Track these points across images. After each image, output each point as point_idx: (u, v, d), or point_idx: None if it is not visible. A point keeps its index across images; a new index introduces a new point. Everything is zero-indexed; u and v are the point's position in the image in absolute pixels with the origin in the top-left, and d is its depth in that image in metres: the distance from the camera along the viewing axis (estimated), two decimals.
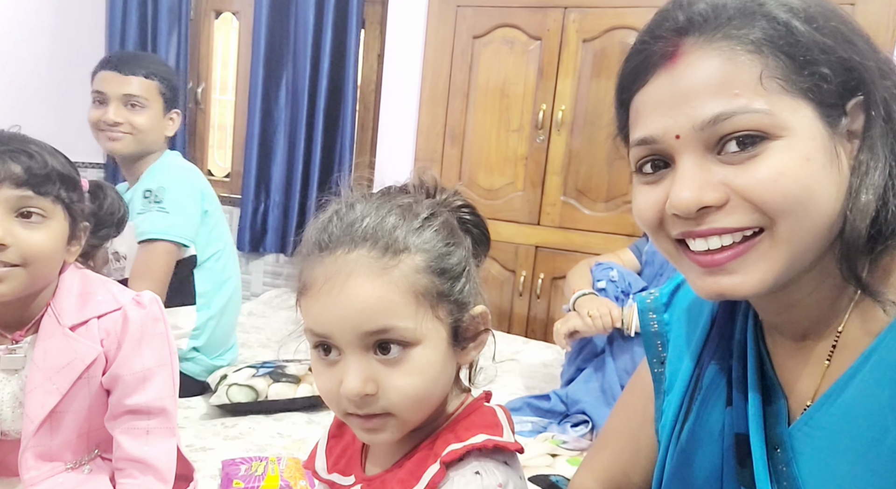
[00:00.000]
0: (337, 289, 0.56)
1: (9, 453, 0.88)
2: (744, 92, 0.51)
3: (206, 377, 1.62)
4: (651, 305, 0.75)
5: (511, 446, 0.60)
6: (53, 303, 0.89)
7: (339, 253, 0.57)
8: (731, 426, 0.61)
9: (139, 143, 1.58)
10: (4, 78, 2.49)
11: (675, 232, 0.56)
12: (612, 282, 1.73)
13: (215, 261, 1.66)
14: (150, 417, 0.91)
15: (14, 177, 0.81)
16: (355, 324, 0.56)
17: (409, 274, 0.57)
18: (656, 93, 0.55)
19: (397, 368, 0.57)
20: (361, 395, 0.56)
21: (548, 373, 2.00)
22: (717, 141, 0.53)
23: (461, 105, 2.51)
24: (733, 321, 0.65)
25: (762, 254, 0.53)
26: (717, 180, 0.53)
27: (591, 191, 2.40)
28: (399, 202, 0.61)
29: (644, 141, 0.56)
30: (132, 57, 1.61)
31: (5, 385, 0.88)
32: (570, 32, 2.35)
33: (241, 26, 2.91)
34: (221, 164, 3.08)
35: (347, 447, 0.69)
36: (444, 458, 0.58)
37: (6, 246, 0.81)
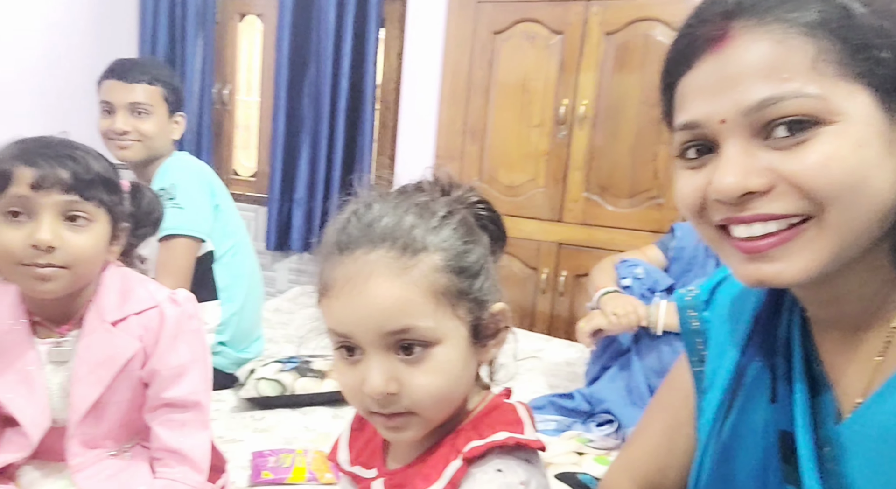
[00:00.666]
0: (357, 290, 0.57)
1: (58, 439, 0.93)
2: (795, 76, 0.50)
3: (234, 370, 1.65)
4: (690, 303, 0.73)
5: (533, 444, 0.60)
6: (96, 300, 0.93)
7: (359, 253, 0.58)
8: (776, 423, 0.60)
9: (148, 149, 1.62)
10: (44, 82, 2.57)
11: (718, 218, 0.55)
12: (638, 279, 1.71)
13: (233, 256, 1.69)
14: (185, 410, 0.95)
15: (62, 182, 0.85)
16: (376, 324, 0.56)
17: (428, 273, 0.58)
18: (702, 77, 0.54)
19: (419, 367, 0.57)
20: (384, 395, 0.57)
21: (571, 372, 2.00)
22: (764, 126, 0.51)
23: (481, 102, 2.52)
24: (778, 317, 0.64)
25: (808, 242, 0.52)
26: (762, 166, 0.52)
27: (615, 186, 2.38)
28: (416, 200, 0.61)
29: (688, 125, 0.55)
30: (134, 64, 1.64)
31: (54, 376, 0.92)
32: (592, 25, 2.34)
33: (265, 28, 2.95)
34: (247, 164, 3.13)
35: (369, 440, 0.70)
36: (466, 455, 0.58)
37: (55, 248, 0.84)
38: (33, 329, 0.92)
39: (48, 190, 0.84)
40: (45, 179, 0.83)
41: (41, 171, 0.83)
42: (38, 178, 0.83)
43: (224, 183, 1.72)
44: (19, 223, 0.84)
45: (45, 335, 0.93)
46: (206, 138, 2.91)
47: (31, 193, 0.83)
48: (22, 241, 0.83)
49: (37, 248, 0.83)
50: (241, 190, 3.02)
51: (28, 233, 0.84)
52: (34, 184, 0.83)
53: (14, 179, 0.83)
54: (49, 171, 0.84)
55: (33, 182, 0.83)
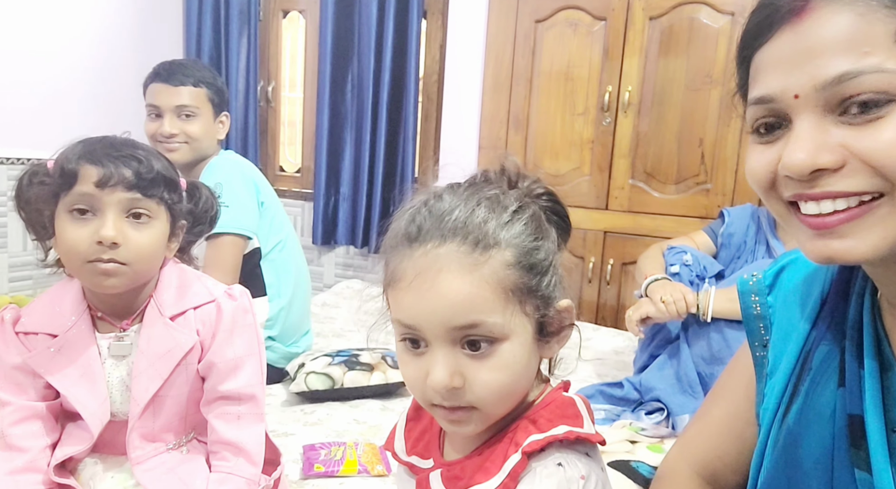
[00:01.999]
0: (428, 284, 0.57)
1: (118, 433, 0.96)
2: (875, 50, 0.49)
3: (284, 364, 1.68)
4: (753, 287, 0.73)
5: (593, 438, 0.60)
6: (155, 295, 0.96)
7: (430, 247, 0.58)
8: (844, 407, 0.59)
9: (195, 151, 1.66)
10: (93, 83, 2.66)
11: (788, 194, 0.55)
12: (686, 266, 1.69)
13: (279, 252, 1.72)
14: (240, 403, 0.97)
15: (126, 180, 0.87)
16: (445, 318, 0.56)
17: (498, 269, 0.57)
18: (778, 50, 0.53)
19: (484, 363, 0.57)
20: (448, 389, 0.57)
21: (619, 361, 1.98)
22: (839, 102, 0.50)
23: (524, 91, 2.49)
24: (847, 301, 0.63)
25: (879, 220, 0.51)
26: (834, 142, 0.51)
27: (661, 173, 2.34)
28: (487, 194, 0.60)
29: (761, 100, 0.55)
30: (179, 67, 1.67)
31: (115, 370, 0.95)
32: (635, 10, 2.29)
33: (308, 24, 2.99)
34: (292, 160, 3.18)
35: (426, 430, 0.71)
36: (526, 449, 0.58)
37: (118, 245, 0.87)
38: (94, 324, 0.96)
39: (113, 188, 0.87)
40: (109, 178, 0.86)
41: (106, 169, 0.86)
42: (104, 176, 0.86)
43: (270, 179, 1.75)
44: (85, 221, 0.87)
45: (106, 330, 0.96)
46: (251, 135, 2.97)
47: (97, 191, 0.86)
48: (88, 238, 0.86)
49: (101, 244, 0.86)
50: (287, 186, 3.08)
51: (93, 230, 0.87)
52: (99, 182, 0.86)
53: (80, 178, 0.87)
54: (114, 170, 0.86)
55: (98, 180, 0.86)
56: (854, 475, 0.57)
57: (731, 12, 2.16)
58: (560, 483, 0.56)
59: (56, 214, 0.88)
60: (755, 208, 1.82)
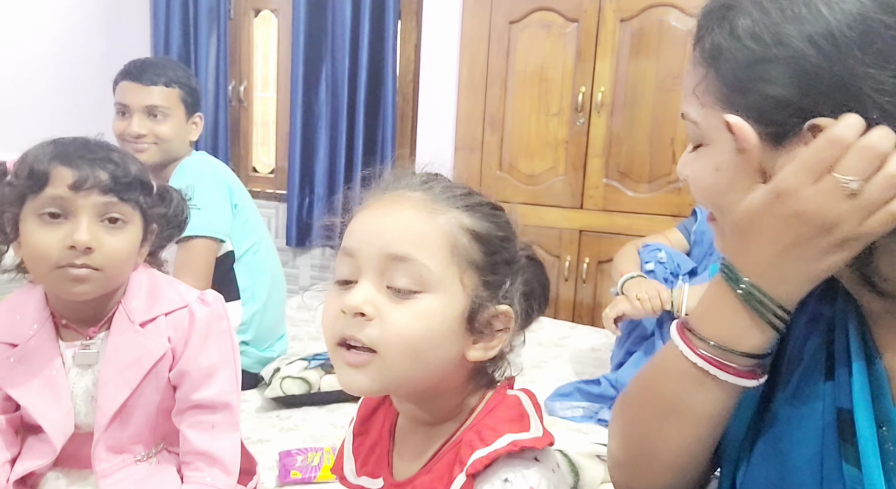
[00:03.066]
0: (382, 210, 0.59)
1: (82, 445, 0.93)
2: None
3: (258, 369, 1.65)
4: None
5: (539, 444, 0.58)
6: (124, 301, 0.93)
7: (400, 190, 0.60)
8: (833, 400, 0.59)
9: (164, 152, 1.61)
10: (56, 81, 2.59)
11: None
12: (661, 263, 1.71)
13: (253, 255, 1.69)
14: (215, 412, 0.95)
15: (102, 184, 0.85)
16: (383, 242, 0.57)
17: (453, 225, 0.58)
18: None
19: (402, 305, 0.56)
20: (357, 311, 0.55)
21: (597, 358, 1.99)
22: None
23: (499, 91, 2.50)
24: (835, 292, 0.63)
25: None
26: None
27: (634, 172, 2.36)
28: (478, 198, 0.62)
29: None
30: (151, 65, 1.62)
31: (79, 380, 0.92)
32: (607, 13, 2.31)
33: (280, 23, 2.95)
34: (266, 161, 3.14)
35: (374, 445, 0.69)
36: (470, 470, 0.56)
37: (92, 249, 0.84)
38: (58, 332, 0.92)
39: (88, 191, 0.84)
40: (85, 180, 0.83)
41: (81, 172, 0.83)
42: (78, 179, 0.83)
43: (243, 180, 1.71)
44: (56, 224, 0.84)
45: (71, 338, 0.92)
46: (222, 136, 2.93)
47: (70, 194, 0.83)
48: (59, 243, 0.83)
49: (74, 249, 0.83)
50: (261, 187, 3.04)
51: (65, 234, 0.83)
52: (74, 184, 0.83)
53: (52, 180, 0.83)
54: (89, 173, 0.84)
55: (73, 183, 0.83)
56: (843, 470, 0.57)
57: None
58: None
59: (22, 217, 0.85)
60: None
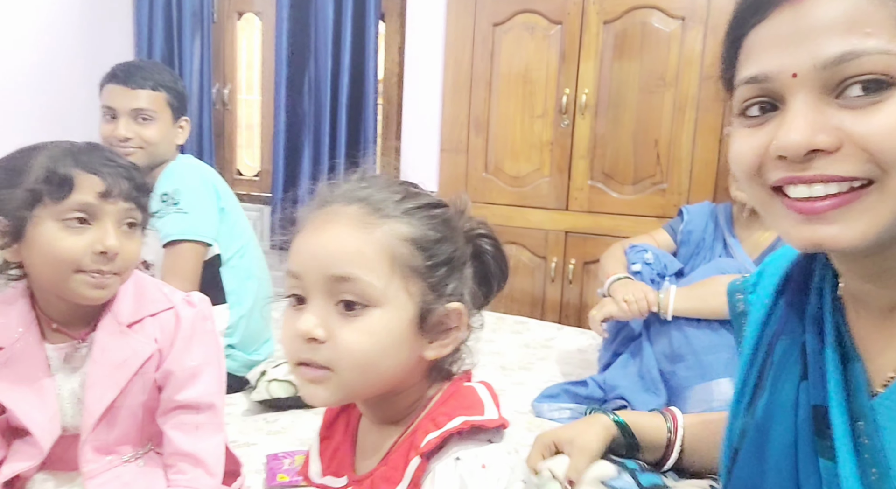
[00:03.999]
0: (318, 231, 0.59)
1: (69, 447, 0.92)
2: (878, 32, 0.48)
3: (244, 372, 1.64)
4: (740, 286, 0.74)
5: (490, 424, 0.59)
6: (112, 303, 0.94)
7: (335, 206, 0.61)
8: (809, 398, 0.59)
9: (151, 156, 1.60)
10: (39, 84, 2.55)
11: (776, 177, 0.54)
12: (648, 264, 1.71)
13: (240, 258, 1.68)
14: (199, 412, 0.95)
15: (125, 191, 0.88)
16: (323, 265, 0.58)
17: (390, 237, 0.59)
18: (776, 28, 0.52)
19: (352, 323, 0.57)
20: (309, 336, 0.57)
21: (584, 359, 2.00)
22: (838, 83, 0.50)
23: (484, 93, 2.51)
24: (806, 295, 0.64)
25: (868, 207, 0.51)
26: (831, 124, 0.50)
27: (619, 173, 2.38)
28: (413, 189, 0.63)
29: (755, 78, 0.54)
30: (138, 69, 1.61)
31: (66, 382, 0.92)
32: (590, 15, 2.32)
33: (264, 26, 2.94)
34: (251, 164, 3.12)
35: (339, 447, 0.69)
36: (423, 450, 0.57)
37: (118, 255, 0.88)
38: (44, 335, 0.93)
39: (115, 198, 0.87)
40: (113, 188, 0.87)
41: (109, 180, 0.86)
42: (108, 187, 0.86)
43: (228, 183, 1.71)
44: (82, 230, 0.86)
45: (56, 340, 0.93)
46: (207, 139, 2.90)
47: (99, 201, 0.86)
48: (86, 248, 0.85)
49: (103, 255, 0.86)
50: (246, 190, 3.02)
51: (92, 239, 0.86)
52: (104, 193, 0.86)
53: (78, 186, 0.85)
54: (115, 180, 0.87)
55: (103, 191, 0.86)
56: (818, 464, 0.58)
57: (681, 17, 2.21)
58: (461, 477, 0.55)
59: (34, 220, 0.85)
60: (713, 206, 1.87)
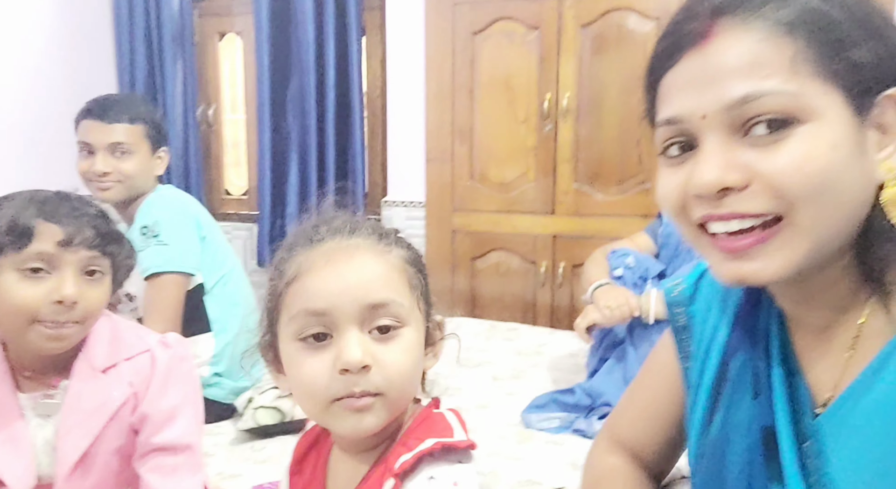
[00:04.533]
0: (343, 262, 0.59)
1: None
2: (775, 73, 0.51)
3: (232, 400, 1.65)
4: (677, 299, 0.74)
5: (460, 444, 0.61)
6: (85, 348, 0.94)
7: (337, 239, 0.61)
8: (759, 419, 0.60)
9: (129, 189, 1.61)
10: (19, 119, 2.56)
11: (697, 215, 0.56)
12: (629, 268, 1.72)
13: (223, 286, 1.68)
14: (176, 454, 0.95)
15: (87, 239, 0.86)
16: (360, 295, 0.58)
17: (400, 261, 0.62)
18: (685, 73, 0.55)
19: (390, 345, 0.59)
20: (361, 366, 0.57)
21: (575, 364, 2.00)
22: (745, 122, 0.52)
23: (467, 101, 2.51)
24: (758, 311, 0.65)
25: (784, 242, 0.53)
26: (740, 162, 0.52)
27: (603, 175, 2.38)
28: (391, 229, 0.66)
29: (670, 121, 0.56)
30: (114, 102, 1.61)
31: (40, 430, 0.92)
32: (567, 19, 2.33)
33: (245, 45, 2.95)
34: (238, 183, 3.13)
35: (309, 482, 0.70)
36: (397, 471, 0.58)
37: (77, 304, 0.86)
38: (17, 383, 0.92)
39: (77, 247, 0.85)
40: (73, 237, 0.85)
41: (69, 228, 0.85)
42: (68, 235, 0.85)
43: (215, 203, 1.70)
44: (39, 279, 0.85)
45: (30, 388, 0.93)
46: (194, 160, 2.91)
47: (58, 250, 0.85)
48: (44, 298, 0.84)
49: (60, 304, 0.85)
50: (234, 209, 3.03)
51: (50, 288, 0.84)
52: (63, 241, 0.85)
53: (38, 235, 0.84)
54: (77, 229, 0.85)
55: (63, 240, 0.84)
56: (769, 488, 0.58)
57: (656, 17, 2.21)
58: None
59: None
60: None
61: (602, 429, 0.85)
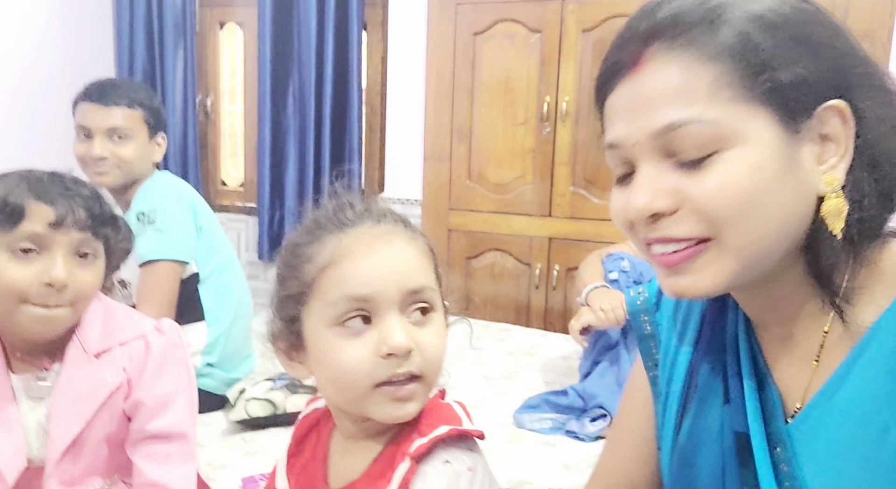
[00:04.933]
0: (385, 249, 0.60)
1: (33, 479, 0.91)
2: (696, 101, 0.52)
3: (224, 390, 1.64)
4: (642, 307, 0.74)
5: (473, 433, 0.62)
6: (79, 332, 0.92)
7: (367, 225, 0.61)
8: (731, 424, 0.61)
9: (127, 174, 1.59)
10: (17, 99, 2.54)
11: (640, 236, 0.58)
12: (624, 272, 1.73)
13: (218, 276, 1.67)
14: (169, 442, 0.94)
15: (79, 221, 0.85)
16: (402, 280, 0.59)
17: (426, 247, 0.64)
18: (620, 99, 0.56)
19: (427, 329, 0.61)
20: (408, 350, 0.58)
21: (567, 366, 2.01)
22: (672, 148, 0.53)
23: (466, 102, 2.52)
24: (724, 315, 0.65)
25: (710, 261, 0.54)
26: (669, 187, 0.54)
27: (600, 179, 2.39)
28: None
29: (611, 145, 0.58)
30: (112, 86, 1.59)
31: (32, 413, 0.91)
32: (568, 23, 2.34)
33: (246, 36, 2.94)
34: (235, 174, 3.12)
35: (307, 464, 0.70)
36: (413, 454, 0.59)
37: (67, 286, 0.85)
38: (9, 364, 0.91)
39: (67, 228, 0.84)
40: (64, 218, 0.84)
41: (61, 209, 0.84)
42: (59, 216, 0.83)
43: (212, 194, 1.69)
44: (29, 260, 0.83)
45: (23, 370, 0.91)
46: (191, 150, 2.90)
47: (48, 231, 0.83)
48: (33, 278, 0.83)
49: (50, 287, 0.83)
50: (230, 200, 3.02)
51: (40, 270, 0.83)
52: (55, 222, 0.83)
53: (29, 215, 0.83)
54: (68, 209, 0.84)
55: (54, 220, 0.83)
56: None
57: None
58: (450, 478, 0.58)
59: None
60: None
61: (592, 475, 0.83)
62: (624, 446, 0.78)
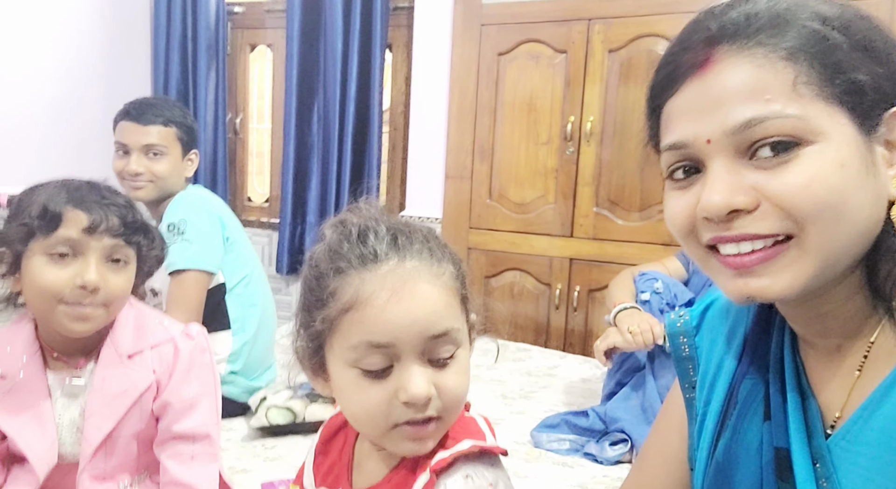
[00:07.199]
0: (407, 296, 0.57)
1: (65, 476, 0.94)
2: (776, 97, 0.52)
3: (246, 398, 1.66)
4: (682, 329, 0.73)
5: (496, 449, 0.62)
6: (112, 334, 0.96)
7: (393, 264, 0.58)
8: (771, 440, 0.60)
9: (161, 189, 1.66)
10: (58, 119, 2.64)
11: (707, 237, 0.56)
12: (657, 293, 1.66)
13: (245, 287, 1.71)
14: (194, 443, 0.97)
15: (113, 228, 0.90)
16: (424, 327, 0.57)
17: (451, 279, 0.61)
18: (688, 99, 0.56)
19: (448, 370, 0.59)
20: (428, 398, 0.57)
21: (587, 389, 1.98)
22: (749, 146, 0.53)
23: (489, 121, 2.54)
24: (768, 335, 0.65)
25: (791, 261, 0.53)
26: (748, 185, 0.53)
27: (624, 201, 2.38)
28: (438, 238, 0.65)
29: (675, 146, 0.57)
30: (149, 106, 1.68)
31: (66, 410, 0.94)
32: (595, 44, 2.36)
33: (275, 58, 3.01)
34: (261, 190, 3.18)
35: (334, 463, 0.71)
36: (434, 467, 0.59)
37: (99, 289, 0.89)
38: (46, 364, 0.95)
39: (100, 234, 0.89)
40: (98, 224, 0.88)
41: (95, 215, 0.88)
42: (93, 223, 0.88)
43: (238, 210, 1.74)
44: (65, 263, 0.88)
45: (59, 369, 0.95)
46: (221, 167, 2.97)
47: (83, 236, 0.88)
48: (68, 281, 0.88)
49: (83, 289, 0.88)
50: (256, 216, 3.07)
51: (74, 273, 0.88)
52: (88, 228, 0.88)
53: (65, 221, 0.88)
54: (102, 217, 0.89)
55: (88, 226, 0.88)
56: None
57: None
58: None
59: (27, 254, 0.89)
60: None
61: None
62: (655, 465, 0.77)
